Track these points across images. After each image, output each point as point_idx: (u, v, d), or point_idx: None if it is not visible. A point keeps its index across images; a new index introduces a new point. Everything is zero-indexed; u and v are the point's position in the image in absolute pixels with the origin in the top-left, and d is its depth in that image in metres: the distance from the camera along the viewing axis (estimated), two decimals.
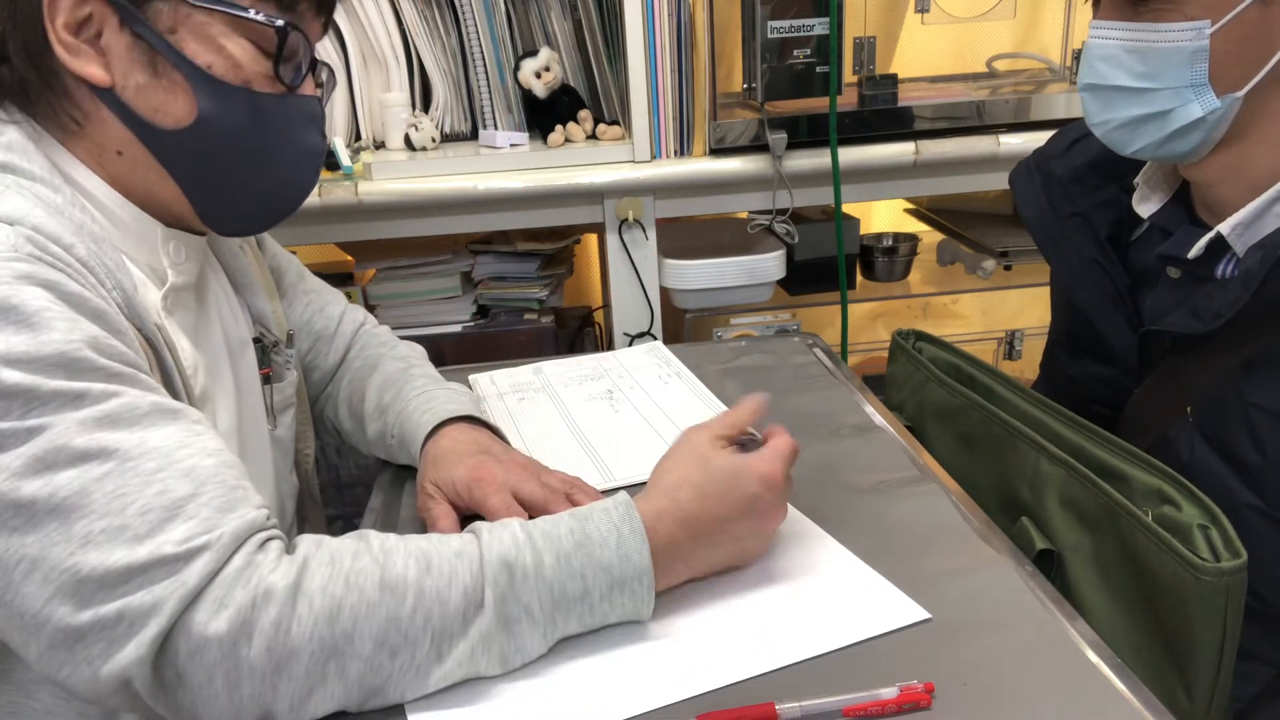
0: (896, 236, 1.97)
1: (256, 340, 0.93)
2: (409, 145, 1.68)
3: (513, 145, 1.66)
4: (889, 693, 0.62)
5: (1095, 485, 0.81)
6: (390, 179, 1.56)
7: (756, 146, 1.60)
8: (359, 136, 1.76)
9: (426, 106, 1.77)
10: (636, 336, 1.69)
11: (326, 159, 1.59)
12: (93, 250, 0.71)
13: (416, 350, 1.09)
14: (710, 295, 1.69)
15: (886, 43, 1.67)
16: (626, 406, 1.09)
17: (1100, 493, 0.81)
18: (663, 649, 0.69)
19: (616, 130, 1.65)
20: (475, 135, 1.77)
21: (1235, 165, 0.88)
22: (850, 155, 1.60)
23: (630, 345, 1.43)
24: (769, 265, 1.67)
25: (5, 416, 0.60)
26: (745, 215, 1.76)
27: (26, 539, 0.59)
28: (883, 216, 2.18)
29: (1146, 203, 0.99)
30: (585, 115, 1.68)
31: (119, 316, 0.69)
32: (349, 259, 1.89)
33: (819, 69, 1.52)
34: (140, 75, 0.73)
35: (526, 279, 1.81)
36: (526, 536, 0.68)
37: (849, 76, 1.61)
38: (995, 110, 1.64)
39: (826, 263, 1.72)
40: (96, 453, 0.61)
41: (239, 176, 0.79)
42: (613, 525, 0.69)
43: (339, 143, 1.62)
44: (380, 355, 1.06)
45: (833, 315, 1.75)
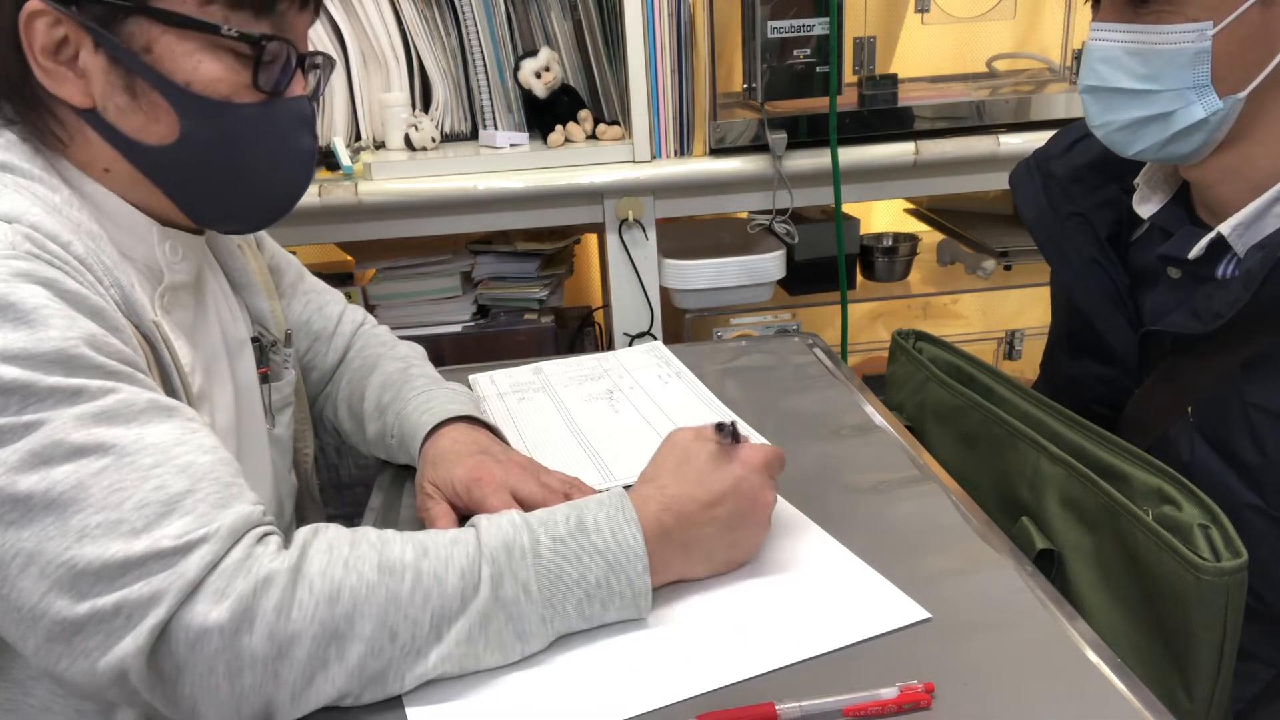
0: (896, 236, 1.97)
1: (255, 339, 0.93)
2: (409, 145, 1.68)
3: (513, 145, 1.66)
4: (889, 693, 0.62)
5: (1095, 485, 0.81)
6: (390, 179, 1.56)
7: (756, 146, 1.60)
8: (359, 136, 1.76)
9: (426, 106, 1.77)
10: (636, 336, 1.69)
11: (327, 159, 1.61)
12: (90, 248, 0.71)
13: (416, 350, 1.09)
14: (710, 295, 1.69)
15: (886, 43, 1.67)
16: (626, 406, 1.09)
17: (1100, 492, 0.80)
18: (662, 649, 0.69)
19: (616, 130, 1.65)
20: (475, 135, 1.77)
21: (1236, 166, 0.88)
22: (850, 155, 1.60)
23: (630, 345, 1.43)
24: (769, 265, 1.67)
25: (2, 412, 0.60)
26: (745, 215, 1.76)
27: (23, 533, 0.60)
28: (883, 216, 2.18)
29: (1147, 203, 0.99)
30: (585, 115, 1.68)
31: (117, 314, 0.69)
32: (349, 259, 1.89)
33: (819, 69, 1.52)
34: (120, 97, 0.72)
35: (526, 279, 1.81)
36: (524, 522, 0.69)
37: (849, 76, 1.60)
38: (995, 110, 1.64)
39: (826, 263, 1.72)
40: (93, 448, 0.61)
41: (229, 186, 0.79)
42: (607, 514, 0.70)
43: (339, 143, 1.62)
44: (380, 355, 1.06)
45: (833, 315, 1.75)
